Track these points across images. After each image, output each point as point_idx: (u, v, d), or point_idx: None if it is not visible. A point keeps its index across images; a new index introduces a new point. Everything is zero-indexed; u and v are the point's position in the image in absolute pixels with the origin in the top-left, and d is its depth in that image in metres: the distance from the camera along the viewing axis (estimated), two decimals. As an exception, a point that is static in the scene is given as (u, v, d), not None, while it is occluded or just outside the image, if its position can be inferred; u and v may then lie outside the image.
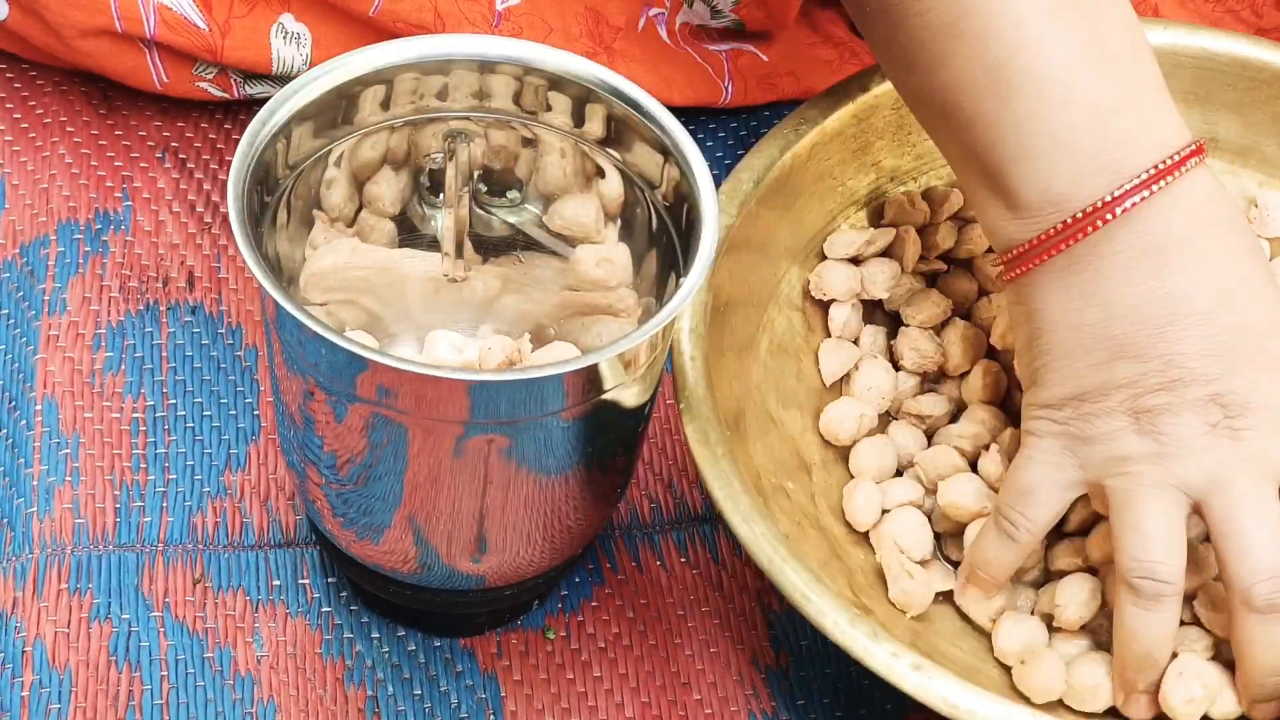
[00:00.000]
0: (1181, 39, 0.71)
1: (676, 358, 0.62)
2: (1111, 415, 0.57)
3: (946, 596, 0.64)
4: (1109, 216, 0.56)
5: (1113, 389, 0.57)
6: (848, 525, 0.65)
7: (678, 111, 0.70)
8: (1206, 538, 0.59)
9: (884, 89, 0.69)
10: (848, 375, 0.68)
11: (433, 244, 0.65)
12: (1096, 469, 0.58)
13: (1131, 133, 0.57)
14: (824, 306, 0.69)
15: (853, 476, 0.67)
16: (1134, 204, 0.56)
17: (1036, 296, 0.58)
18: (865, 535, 0.65)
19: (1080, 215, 0.57)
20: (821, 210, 0.70)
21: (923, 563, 0.64)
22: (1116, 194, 0.56)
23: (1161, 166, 0.57)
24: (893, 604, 0.63)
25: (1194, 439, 0.57)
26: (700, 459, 0.59)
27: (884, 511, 0.65)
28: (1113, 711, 0.61)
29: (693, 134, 0.62)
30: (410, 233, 0.65)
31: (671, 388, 0.63)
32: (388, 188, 0.63)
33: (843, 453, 0.67)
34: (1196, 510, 0.58)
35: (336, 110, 0.60)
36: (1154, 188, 0.56)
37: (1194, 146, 0.58)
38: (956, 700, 0.56)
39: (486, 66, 0.61)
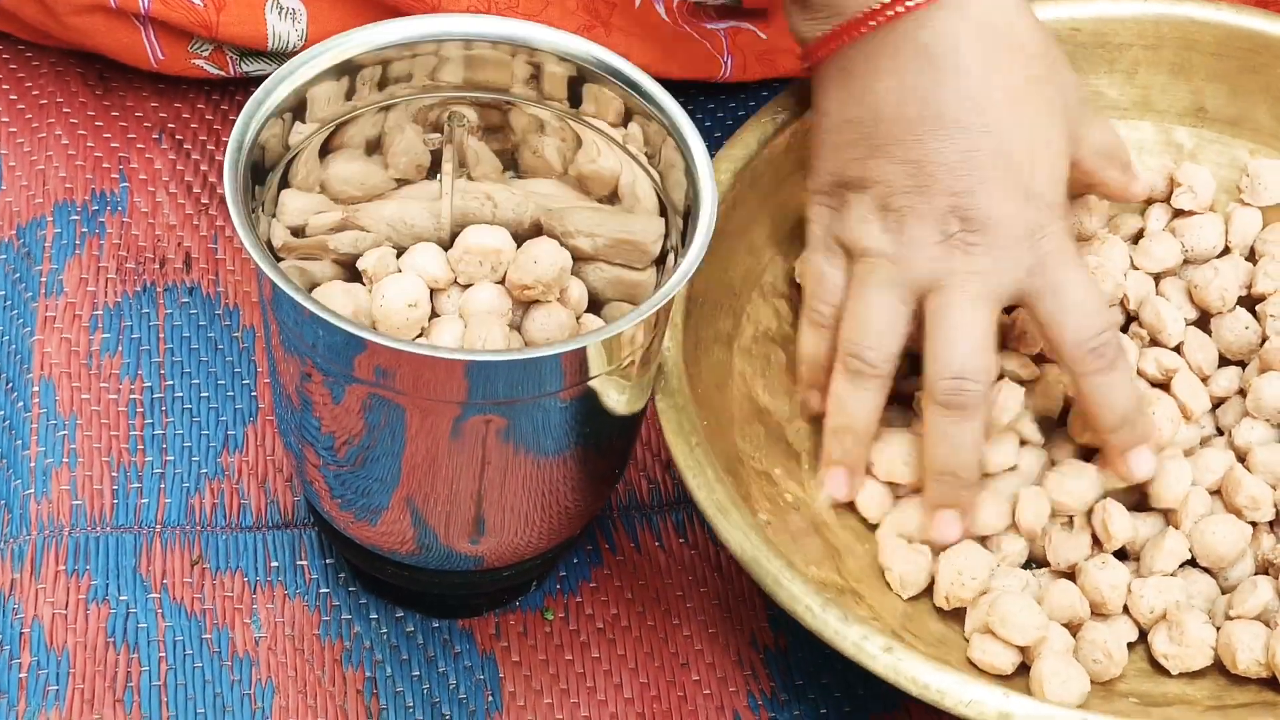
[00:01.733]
0: (1166, 9, 0.71)
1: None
2: (864, 206, 0.62)
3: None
4: (874, 23, 0.61)
5: (870, 183, 0.62)
6: (838, 511, 0.65)
7: (676, 85, 0.69)
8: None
9: None
10: None
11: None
12: (847, 249, 0.63)
13: None
14: None
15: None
16: (904, 9, 0.60)
17: (819, 93, 0.64)
18: (856, 522, 0.65)
19: (858, 17, 0.61)
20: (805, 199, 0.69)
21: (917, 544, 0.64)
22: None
23: None
24: (887, 585, 0.63)
25: (928, 244, 0.61)
26: (675, 448, 0.60)
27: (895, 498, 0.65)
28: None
29: (691, 114, 0.61)
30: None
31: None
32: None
33: None
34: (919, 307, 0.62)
35: (331, 91, 0.60)
36: None
37: None
38: (926, 680, 0.56)
39: (483, 46, 0.61)
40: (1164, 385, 0.66)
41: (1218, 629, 0.62)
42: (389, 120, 0.62)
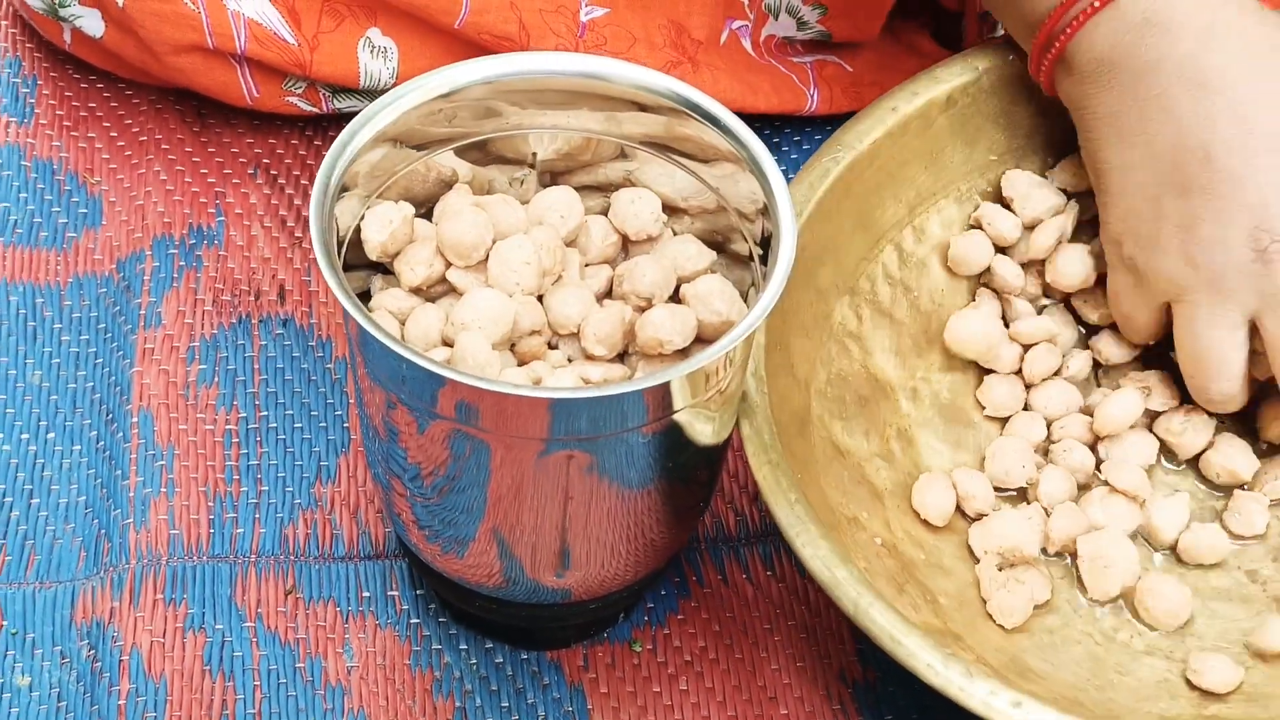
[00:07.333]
0: None
1: (741, 404, 0.61)
2: (1165, 249, 0.62)
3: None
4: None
5: (1163, 222, 0.62)
6: (923, 548, 0.65)
7: (762, 118, 0.69)
8: None
9: (912, 108, 0.68)
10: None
11: None
12: (1162, 296, 0.64)
13: None
14: (879, 320, 0.68)
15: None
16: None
17: (1094, 139, 0.64)
18: (945, 559, 0.65)
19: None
20: (865, 238, 0.68)
21: (1024, 562, 0.64)
22: None
23: None
24: (984, 619, 0.63)
25: (1243, 265, 0.61)
26: (776, 508, 0.59)
27: (970, 516, 0.65)
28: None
29: (775, 146, 0.61)
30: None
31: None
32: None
33: (914, 476, 0.66)
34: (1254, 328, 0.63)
35: (417, 129, 0.61)
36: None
37: None
38: None
39: (571, 83, 0.61)
40: None
41: None
42: (475, 157, 0.63)
